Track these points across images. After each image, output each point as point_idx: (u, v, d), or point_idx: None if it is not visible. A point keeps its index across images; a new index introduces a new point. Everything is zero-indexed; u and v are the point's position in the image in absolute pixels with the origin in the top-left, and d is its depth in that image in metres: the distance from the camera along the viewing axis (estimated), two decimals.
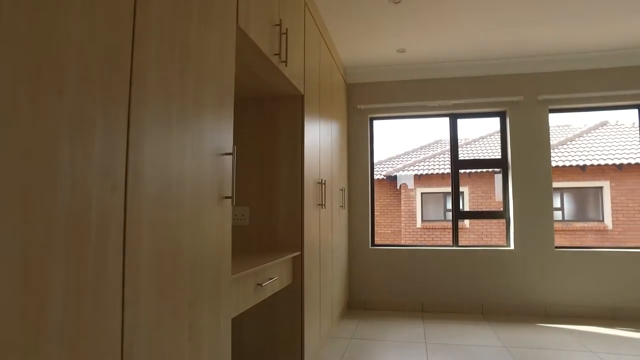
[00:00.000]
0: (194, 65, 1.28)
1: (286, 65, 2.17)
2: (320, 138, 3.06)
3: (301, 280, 2.53)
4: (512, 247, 4.18)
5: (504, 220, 4.34)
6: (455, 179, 4.42)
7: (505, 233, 4.31)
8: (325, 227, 3.17)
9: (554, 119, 13.41)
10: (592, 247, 4.14)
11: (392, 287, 4.32)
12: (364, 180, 4.46)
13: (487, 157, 9.66)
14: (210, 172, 1.39)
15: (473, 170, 9.74)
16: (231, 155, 1.51)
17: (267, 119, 2.66)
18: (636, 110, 4.21)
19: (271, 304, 2.54)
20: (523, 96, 4.20)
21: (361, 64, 4.35)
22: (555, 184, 9.37)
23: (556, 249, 4.10)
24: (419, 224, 10.44)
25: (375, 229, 4.56)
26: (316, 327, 2.87)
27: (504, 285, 4.13)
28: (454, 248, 4.28)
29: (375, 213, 4.60)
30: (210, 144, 1.40)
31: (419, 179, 10.37)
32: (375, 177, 11.42)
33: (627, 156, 9.02)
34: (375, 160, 4.72)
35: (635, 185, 8.92)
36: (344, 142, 4.23)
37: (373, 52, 4.04)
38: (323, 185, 3.04)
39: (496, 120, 4.40)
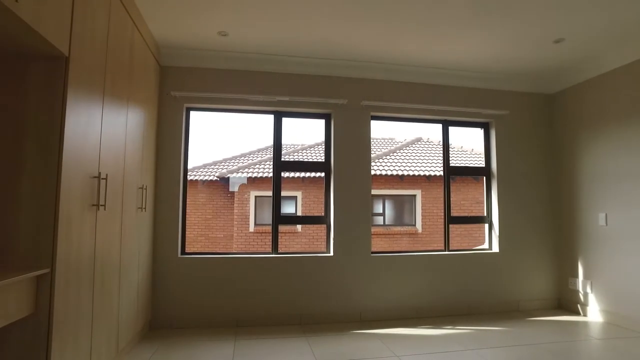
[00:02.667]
0: None
1: (17, 0, 1.50)
2: (103, 121, 2.40)
3: (49, 308, 1.84)
4: (331, 253, 4.10)
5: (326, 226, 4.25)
6: (277, 181, 4.15)
7: (325, 239, 4.22)
8: (107, 234, 2.50)
9: (381, 131, 14.70)
10: (402, 252, 4.33)
11: (204, 302, 3.80)
12: (175, 179, 3.86)
13: (311, 160, 9.92)
14: None
15: (307, 175, 9.88)
16: None
17: (12, 83, 1.90)
18: (440, 125, 4.58)
19: None
20: (348, 100, 4.18)
21: (179, 44, 3.76)
22: (378, 191, 10.14)
23: (372, 254, 4.16)
24: (252, 228, 10.13)
25: (186, 234, 3.99)
26: None
27: (322, 293, 4.01)
28: (273, 255, 4.00)
29: (187, 217, 4.02)
30: None
31: (253, 181, 10.08)
32: (208, 178, 10.79)
33: (434, 169, 10.32)
34: (209, 161, 4.20)
35: (438, 195, 10.22)
36: (150, 132, 3.57)
37: (192, 31, 3.50)
38: (103, 181, 2.38)
39: (322, 123, 4.30)
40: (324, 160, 4.26)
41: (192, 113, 4.08)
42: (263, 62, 4.01)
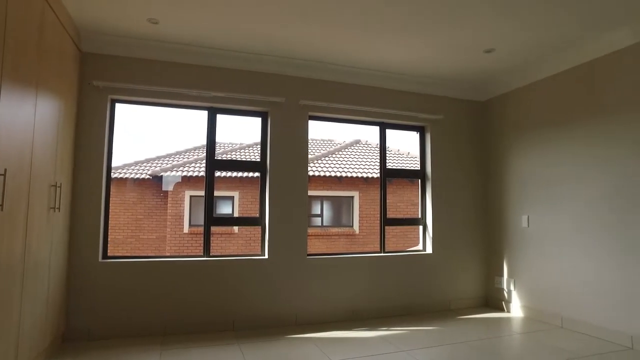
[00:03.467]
0: None
1: None
2: (2, 109, 2.09)
3: None
4: (266, 255, 3.97)
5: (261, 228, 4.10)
6: (210, 181, 3.96)
7: (260, 241, 4.08)
8: (5, 237, 2.19)
9: (320, 132, 14.77)
10: (338, 254, 4.30)
11: (128, 309, 3.51)
12: (97, 176, 3.53)
13: (247, 159, 9.72)
14: None
15: (245, 175, 9.64)
16: None
17: None
18: (377, 127, 4.61)
19: None
20: (286, 98, 4.07)
21: (103, 29, 3.45)
22: (317, 192, 10.13)
23: (308, 257, 4.08)
24: (186, 229, 9.70)
25: (113, 236, 3.68)
26: None
27: (256, 297, 3.86)
28: (205, 259, 3.79)
29: (112, 217, 3.70)
30: None
31: (189, 180, 9.66)
32: (140, 176, 10.18)
33: (372, 171, 10.50)
34: (142, 158, 3.86)
35: (375, 196, 10.43)
36: (68, 125, 3.23)
37: (118, 16, 3.22)
38: (1, 177, 2.08)
39: (258, 121, 4.15)
40: (259, 160, 4.12)
41: (118, 105, 3.76)
42: (197, 55, 3.80)
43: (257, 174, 4.14)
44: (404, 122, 4.62)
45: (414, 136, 4.82)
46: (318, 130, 15.09)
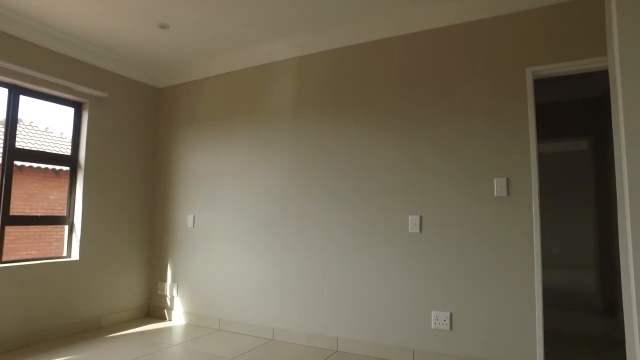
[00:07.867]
0: None
1: None
2: None
3: None
4: None
5: None
6: None
7: None
8: None
9: None
10: None
11: None
12: None
13: None
14: None
15: None
16: None
17: None
18: (6, 91, 3.35)
19: None
20: None
21: None
22: None
23: None
24: None
25: None
26: None
27: None
28: None
29: None
30: None
31: None
32: None
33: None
34: None
35: (32, 190, 8.32)
36: None
37: None
38: None
39: None
40: None
41: None
42: None
43: None
44: (52, 91, 3.55)
45: (70, 113, 3.81)
46: None
